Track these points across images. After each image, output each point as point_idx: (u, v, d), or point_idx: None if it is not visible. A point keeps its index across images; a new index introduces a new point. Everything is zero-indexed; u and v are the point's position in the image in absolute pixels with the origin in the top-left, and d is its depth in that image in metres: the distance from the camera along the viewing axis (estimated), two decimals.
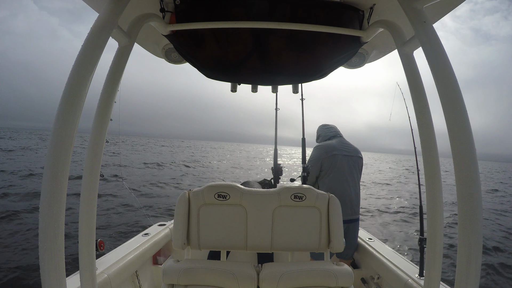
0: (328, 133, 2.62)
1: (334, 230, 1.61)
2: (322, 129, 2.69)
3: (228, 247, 1.65)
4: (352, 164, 2.46)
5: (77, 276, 1.38)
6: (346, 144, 2.52)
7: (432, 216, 0.97)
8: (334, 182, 2.39)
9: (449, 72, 0.83)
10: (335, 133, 2.62)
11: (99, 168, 1.03)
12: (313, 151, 2.54)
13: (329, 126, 2.69)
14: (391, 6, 1.16)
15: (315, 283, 1.39)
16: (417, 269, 1.81)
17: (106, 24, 0.89)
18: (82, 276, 1.02)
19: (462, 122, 0.79)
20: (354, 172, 2.48)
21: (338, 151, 2.43)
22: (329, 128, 2.66)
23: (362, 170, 2.57)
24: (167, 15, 1.24)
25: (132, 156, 23.91)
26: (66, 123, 0.77)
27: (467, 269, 0.77)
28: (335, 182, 2.39)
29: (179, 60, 1.69)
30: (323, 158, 2.42)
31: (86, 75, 0.81)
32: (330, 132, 2.62)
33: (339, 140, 2.54)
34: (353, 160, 2.47)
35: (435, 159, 0.97)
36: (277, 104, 2.78)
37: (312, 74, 1.53)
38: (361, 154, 2.56)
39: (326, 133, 2.63)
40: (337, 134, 2.61)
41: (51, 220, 0.73)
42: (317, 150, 2.49)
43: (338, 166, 2.40)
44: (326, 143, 2.51)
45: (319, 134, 2.69)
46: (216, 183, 1.67)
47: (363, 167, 2.61)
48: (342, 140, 2.55)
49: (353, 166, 2.47)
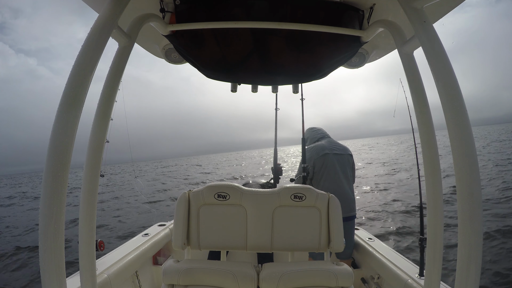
0: (316, 135, 2.72)
1: (334, 230, 1.61)
2: (310, 132, 2.80)
3: (228, 247, 1.65)
4: (343, 162, 2.53)
5: (77, 276, 1.38)
6: (335, 144, 2.61)
7: (432, 216, 0.97)
8: (328, 181, 2.44)
9: (449, 72, 0.83)
10: (323, 134, 2.72)
11: (99, 168, 1.03)
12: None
13: (317, 129, 2.82)
14: (391, 6, 1.16)
15: (315, 283, 1.39)
16: (417, 269, 1.81)
17: (106, 24, 0.89)
18: (82, 276, 1.02)
19: (462, 121, 0.79)
20: (347, 169, 2.54)
21: (328, 150, 2.50)
22: (317, 131, 2.78)
23: (354, 167, 2.66)
24: (167, 15, 1.24)
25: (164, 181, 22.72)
26: (66, 123, 0.77)
27: (467, 269, 0.77)
28: (329, 181, 2.44)
29: (179, 60, 1.69)
30: (314, 158, 2.48)
31: (86, 75, 0.81)
32: (318, 134, 2.73)
33: (327, 140, 2.63)
34: (343, 158, 2.54)
35: (436, 159, 0.97)
36: (277, 104, 2.79)
37: (312, 74, 1.53)
38: (351, 151, 2.66)
39: (314, 135, 2.73)
40: (324, 135, 2.72)
41: (51, 220, 0.73)
42: (308, 152, 2.56)
43: (330, 165, 2.46)
44: (315, 144, 2.60)
45: (307, 137, 2.77)
46: (216, 183, 1.66)
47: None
48: (331, 140, 2.64)
49: (345, 164, 2.54)
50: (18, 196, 20.23)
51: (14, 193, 23.79)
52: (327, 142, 2.61)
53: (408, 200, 8.48)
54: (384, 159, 24.11)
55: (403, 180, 12.45)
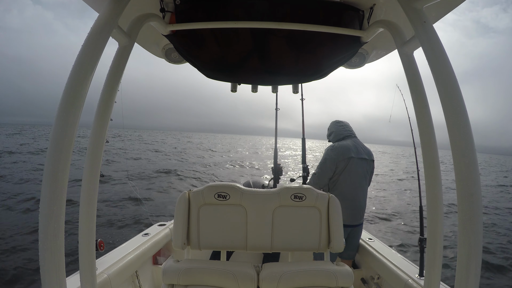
0: (342, 131, 2.45)
1: (334, 230, 1.61)
2: (335, 126, 2.50)
3: (228, 247, 1.65)
4: (366, 168, 2.37)
5: (77, 276, 1.38)
6: (361, 146, 2.39)
7: (432, 216, 0.97)
8: (347, 186, 2.28)
9: (449, 72, 0.83)
10: (349, 132, 2.45)
11: (99, 168, 1.03)
12: (327, 151, 2.38)
13: (343, 124, 2.50)
14: (391, 6, 1.16)
15: (315, 283, 1.39)
16: (417, 269, 1.81)
17: (106, 24, 0.89)
18: (82, 276, 1.02)
19: (462, 122, 0.79)
20: (367, 176, 2.40)
21: (354, 153, 2.29)
22: (344, 126, 2.48)
23: (373, 173, 2.50)
24: (167, 15, 1.24)
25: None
26: (66, 123, 0.77)
27: (467, 269, 0.77)
28: (349, 186, 2.28)
29: (179, 60, 1.69)
30: (339, 160, 2.28)
31: (86, 75, 0.81)
32: (345, 130, 2.45)
33: (353, 140, 2.39)
34: (367, 163, 2.37)
35: (435, 159, 0.97)
36: (277, 104, 2.79)
37: (312, 74, 1.53)
38: (374, 156, 2.46)
39: (340, 131, 2.45)
40: (351, 133, 2.45)
41: (51, 220, 0.73)
42: (332, 151, 2.33)
43: (353, 169, 2.28)
44: (341, 144, 2.36)
45: (332, 131, 2.50)
46: (216, 183, 1.67)
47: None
48: (357, 141, 2.41)
49: (367, 170, 2.38)
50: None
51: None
52: (353, 142, 2.37)
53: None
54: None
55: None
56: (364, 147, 2.42)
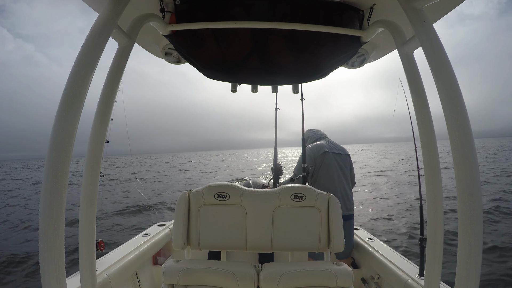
0: (315, 135, 2.86)
1: (334, 230, 1.61)
2: (310, 132, 2.94)
3: (228, 247, 1.65)
4: (342, 161, 2.61)
5: (77, 276, 1.38)
6: (334, 144, 2.71)
7: (432, 216, 0.97)
8: (325, 179, 2.50)
9: (449, 72, 0.83)
10: (321, 135, 2.85)
11: (99, 168, 1.03)
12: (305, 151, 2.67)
13: (316, 130, 2.97)
14: (391, 6, 1.16)
15: (315, 283, 1.39)
16: (417, 269, 1.81)
17: (106, 24, 0.89)
18: (82, 276, 1.02)
19: (462, 121, 0.79)
20: (345, 169, 2.62)
21: (327, 148, 2.60)
22: (316, 132, 2.93)
23: (353, 168, 2.75)
24: (167, 15, 1.24)
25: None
26: (66, 123, 0.77)
27: (467, 269, 0.77)
28: (328, 179, 2.50)
29: (179, 60, 1.69)
30: (315, 156, 2.55)
31: (86, 75, 0.81)
32: (317, 134, 2.86)
33: (326, 140, 2.75)
34: (342, 158, 2.63)
35: (435, 159, 0.97)
36: (277, 104, 2.79)
37: (312, 74, 1.53)
38: (348, 152, 2.77)
39: (314, 135, 2.85)
40: (323, 135, 2.85)
41: (51, 220, 0.73)
42: (308, 150, 2.64)
43: (329, 163, 2.53)
44: (315, 144, 2.69)
45: (307, 137, 2.87)
46: (216, 183, 1.66)
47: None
48: (329, 140, 2.75)
49: (343, 163, 2.62)
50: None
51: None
52: (326, 142, 2.69)
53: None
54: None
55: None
56: (337, 144, 2.73)
